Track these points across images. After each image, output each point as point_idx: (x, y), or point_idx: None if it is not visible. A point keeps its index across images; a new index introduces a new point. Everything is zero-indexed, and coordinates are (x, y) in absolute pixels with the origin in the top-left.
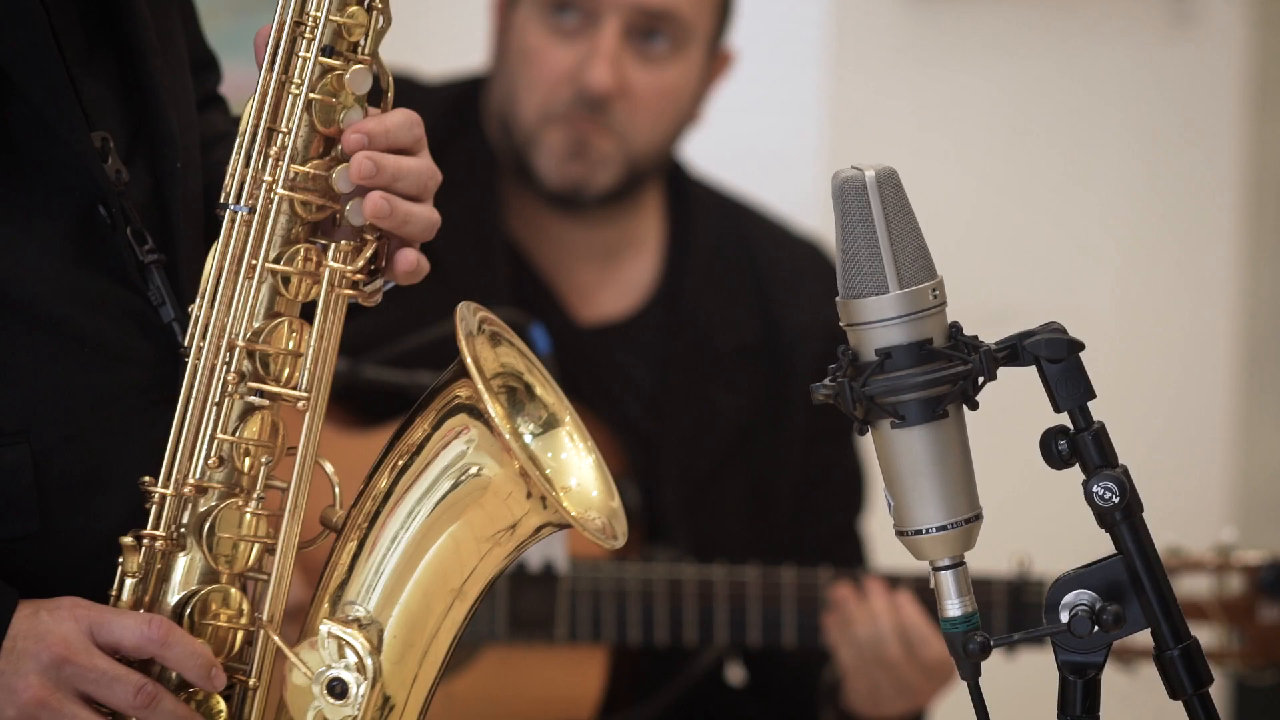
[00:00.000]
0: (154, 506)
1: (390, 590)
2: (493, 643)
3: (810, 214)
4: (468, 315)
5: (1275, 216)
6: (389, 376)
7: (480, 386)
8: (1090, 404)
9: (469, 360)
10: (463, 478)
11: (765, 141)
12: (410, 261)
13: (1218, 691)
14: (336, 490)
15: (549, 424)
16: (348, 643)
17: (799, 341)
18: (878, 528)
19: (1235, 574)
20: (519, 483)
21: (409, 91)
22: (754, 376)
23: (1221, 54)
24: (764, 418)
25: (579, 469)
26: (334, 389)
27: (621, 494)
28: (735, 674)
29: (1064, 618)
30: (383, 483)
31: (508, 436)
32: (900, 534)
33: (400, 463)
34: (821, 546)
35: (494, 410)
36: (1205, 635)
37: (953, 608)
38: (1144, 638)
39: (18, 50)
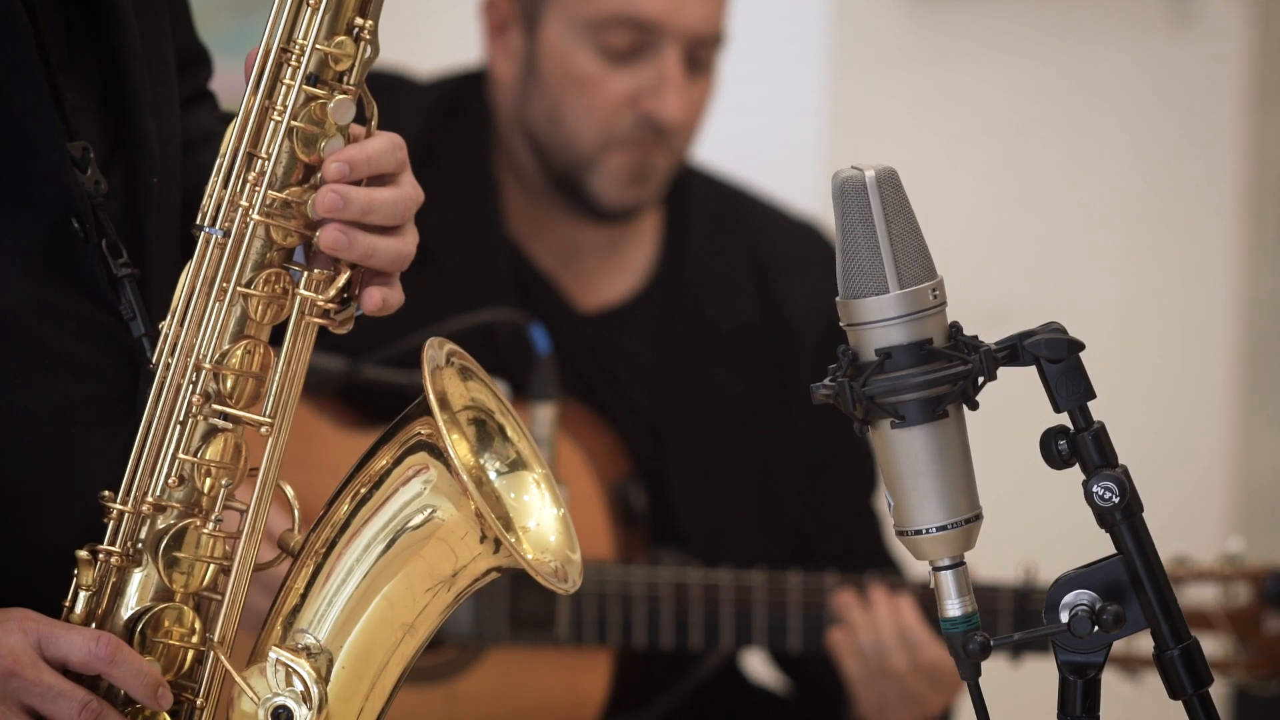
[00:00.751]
0: (111, 522)
1: (342, 621)
2: (497, 644)
3: (810, 213)
4: (435, 350)
5: (1275, 216)
6: (389, 376)
7: (441, 426)
8: (1090, 404)
9: (432, 398)
10: (419, 517)
11: (765, 141)
12: (375, 301)
13: (1219, 700)
14: (296, 514)
15: (516, 465)
16: (295, 671)
17: (800, 320)
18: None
19: (1241, 584)
20: (474, 525)
21: (401, 89)
22: (756, 356)
23: (1221, 54)
24: (767, 398)
25: (540, 513)
26: (334, 388)
27: (629, 497)
28: (755, 668)
29: (1064, 617)
30: (343, 509)
31: (465, 478)
32: (900, 534)
33: (362, 491)
34: (836, 527)
35: (454, 451)
36: (1210, 645)
37: (953, 608)
38: (1149, 646)
39: (1, 63)
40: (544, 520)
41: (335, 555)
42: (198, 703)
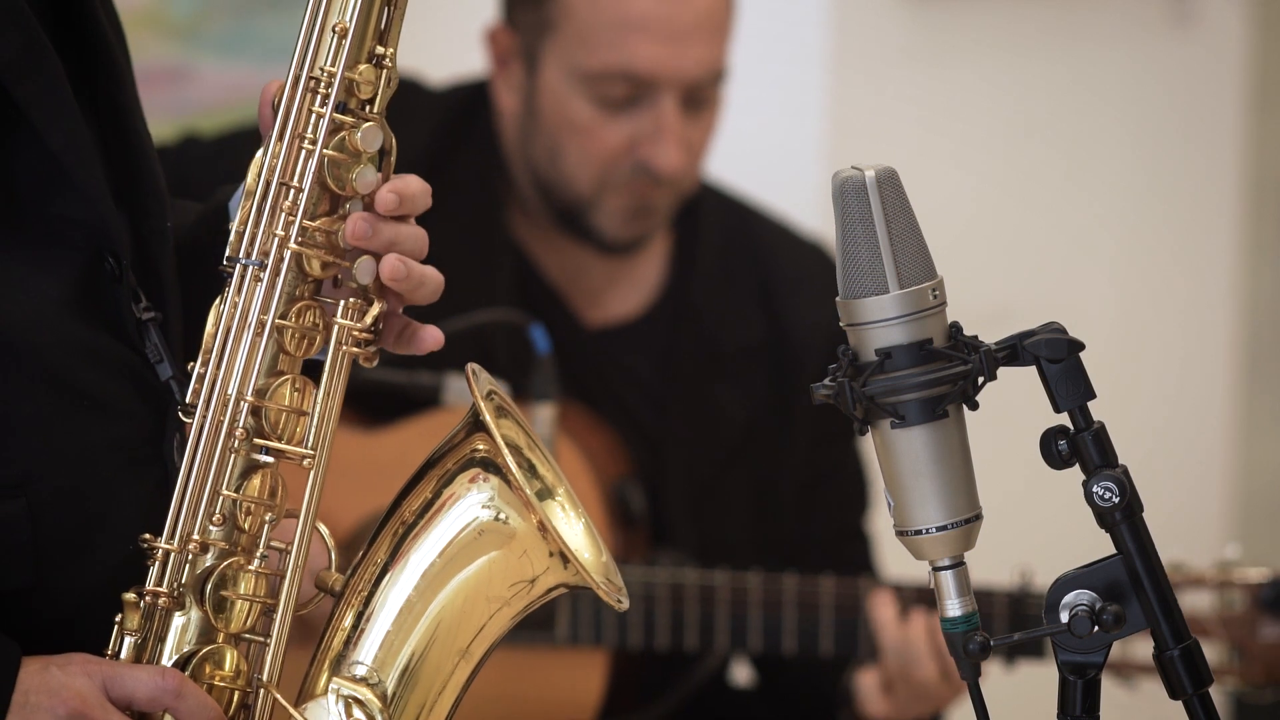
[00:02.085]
0: (156, 564)
1: (395, 650)
2: None
3: (811, 214)
4: (480, 380)
5: (1275, 216)
6: (389, 376)
7: (499, 441)
8: (1090, 404)
9: (487, 416)
10: (478, 533)
11: (766, 142)
12: (438, 339)
13: (1219, 706)
14: (332, 554)
15: (542, 495)
16: (358, 700)
17: (804, 343)
18: (884, 527)
19: (1237, 591)
20: (537, 539)
21: (414, 96)
22: (759, 377)
23: (1221, 54)
24: (769, 418)
25: (571, 535)
26: None
27: (628, 497)
28: (741, 675)
29: (1064, 618)
30: (387, 542)
31: (528, 492)
32: (900, 534)
33: (403, 528)
34: (825, 546)
35: (512, 463)
36: (1206, 652)
37: (953, 608)
38: (1144, 652)
39: (37, 94)
40: (577, 542)
41: (386, 584)
42: None
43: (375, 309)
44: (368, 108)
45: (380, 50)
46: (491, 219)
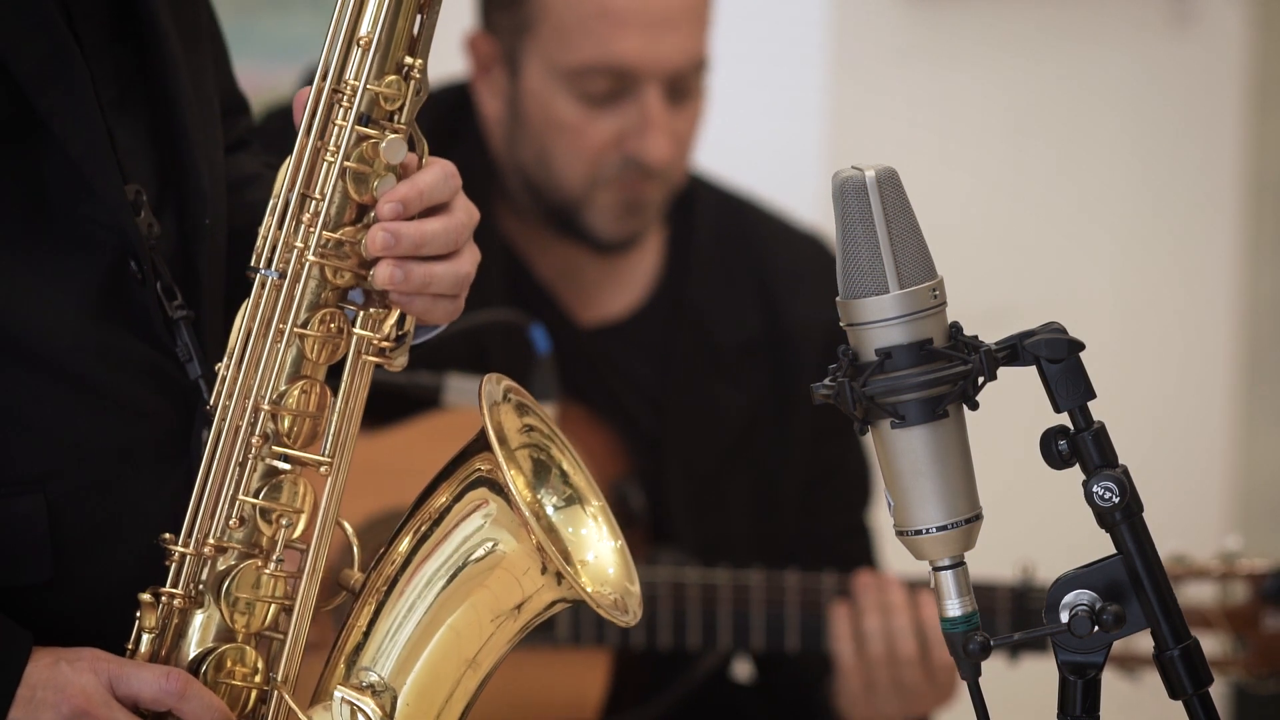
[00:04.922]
0: (173, 565)
1: (405, 658)
2: None
3: (811, 214)
4: (492, 386)
5: (1275, 216)
6: (389, 377)
7: (501, 460)
8: (1090, 404)
9: (491, 433)
10: (480, 552)
11: (766, 142)
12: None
13: (1218, 699)
14: (355, 552)
15: (572, 499)
16: (360, 709)
17: (803, 337)
18: (886, 524)
19: (1240, 582)
20: (535, 559)
21: None
22: (758, 373)
23: (1221, 54)
24: (768, 414)
25: (598, 545)
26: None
27: (627, 496)
28: (742, 671)
29: (1064, 618)
30: (403, 546)
31: (526, 512)
32: (900, 534)
33: (423, 529)
34: (828, 543)
35: (514, 485)
36: (1209, 643)
37: (953, 608)
38: (1147, 645)
39: (59, 103)
40: (602, 553)
41: (397, 592)
42: None
43: (393, 316)
44: (395, 118)
45: (409, 61)
46: (481, 220)
